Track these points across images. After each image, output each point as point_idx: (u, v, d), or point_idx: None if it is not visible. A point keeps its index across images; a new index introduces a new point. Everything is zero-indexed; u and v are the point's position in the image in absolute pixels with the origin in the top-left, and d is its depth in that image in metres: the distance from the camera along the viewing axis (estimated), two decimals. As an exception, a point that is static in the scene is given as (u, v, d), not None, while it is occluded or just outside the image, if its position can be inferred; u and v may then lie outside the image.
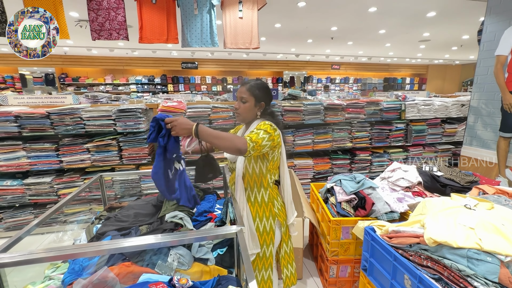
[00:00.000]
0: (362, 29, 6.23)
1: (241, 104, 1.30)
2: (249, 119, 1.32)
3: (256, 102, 1.30)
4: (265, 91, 1.32)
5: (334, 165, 3.34)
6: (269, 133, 1.17)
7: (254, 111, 1.31)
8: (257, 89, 1.29)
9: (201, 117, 2.85)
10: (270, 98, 1.35)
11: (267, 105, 1.33)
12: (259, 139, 1.12)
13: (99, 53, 8.68)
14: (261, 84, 1.32)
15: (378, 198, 1.83)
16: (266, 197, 1.31)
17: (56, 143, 2.68)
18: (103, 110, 2.67)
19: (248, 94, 1.28)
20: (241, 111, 1.30)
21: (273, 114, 1.36)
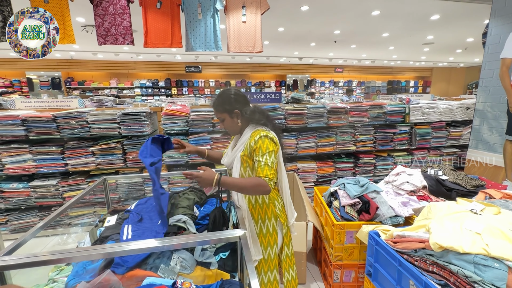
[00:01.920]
0: (366, 32, 6.23)
1: (221, 124, 1.34)
2: (238, 129, 1.34)
3: (230, 115, 1.30)
4: (230, 100, 1.29)
5: (338, 168, 3.32)
6: (272, 151, 1.20)
7: (235, 122, 1.32)
8: (222, 104, 1.30)
9: (205, 121, 2.87)
10: (240, 101, 1.30)
11: (243, 109, 1.30)
12: (272, 170, 1.17)
13: (104, 58, 8.81)
14: (222, 95, 1.31)
15: (383, 202, 1.81)
16: (266, 198, 1.31)
17: (61, 146, 2.72)
18: (108, 113, 2.70)
19: (219, 112, 1.31)
20: (226, 129, 1.34)
21: (255, 113, 1.30)
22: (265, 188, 1.13)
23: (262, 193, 1.15)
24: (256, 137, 1.22)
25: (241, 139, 1.31)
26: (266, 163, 1.17)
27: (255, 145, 1.21)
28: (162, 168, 2.91)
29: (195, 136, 2.87)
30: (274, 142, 1.23)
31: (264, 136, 1.21)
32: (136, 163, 2.84)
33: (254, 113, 1.30)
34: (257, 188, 1.13)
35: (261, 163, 1.17)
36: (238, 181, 1.16)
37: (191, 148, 1.48)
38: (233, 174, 1.29)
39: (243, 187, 1.14)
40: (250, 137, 1.25)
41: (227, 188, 1.17)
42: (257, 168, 1.18)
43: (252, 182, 1.14)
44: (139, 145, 2.80)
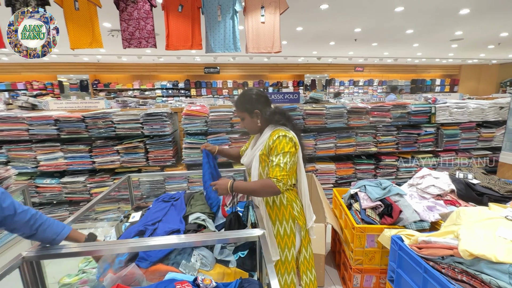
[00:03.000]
0: (388, 30, 6.01)
1: (242, 123, 1.36)
2: (257, 129, 1.36)
3: (251, 115, 1.31)
4: (251, 100, 1.30)
5: (358, 170, 3.23)
6: (287, 152, 1.19)
7: (255, 122, 1.33)
8: (243, 103, 1.31)
9: (223, 121, 2.91)
10: (262, 101, 1.31)
11: (263, 110, 1.30)
12: (283, 171, 1.17)
13: (128, 60, 9.19)
14: (245, 95, 1.32)
15: (406, 206, 1.74)
16: (284, 200, 1.30)
17: (89, 145, 2.87)
18: (131, 114, 2.82)
19: (240, 111, 1.33)
20: (246, 128, 1.36)
21: (275, 114, 1.30)
22: (273, 189, 1.15)
23: (272, 194, 1.18)
24: (274, 136, 1.23)
25: (261, 138, 1.32)
26: (278, 163, 1.18)
27: (272, 144, 1.22)
28: (182, 167, 2.99)
29: (213, 136, 2.92)
30: (293, 142, 1.22)
31: (282, 136, 1.21)
32: (157, 162, 2.94)
33: (274, 114, 1.31)
34: (265, 189, 1.16)
35: (273, 163, 1.19)
36: (248, 185, 1.21)
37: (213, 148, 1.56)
38: (252, 173, 1.30)
39: (253, 190, 1.18)
40: (269, 137, 1.25)
41: (240, 192, 1.22)
42: (269, 168, 1.21)
43: (260, 184, 1.17)
44: (161, 144, 2.90)
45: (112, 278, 0.96)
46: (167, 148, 2.92)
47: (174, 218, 1.26)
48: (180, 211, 1.34)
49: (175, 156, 3.04)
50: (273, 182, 1.15)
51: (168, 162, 2.95)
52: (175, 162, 3.00)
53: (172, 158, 2.95)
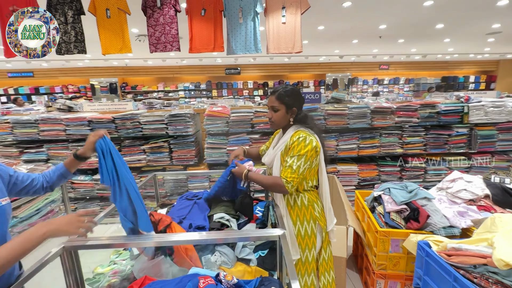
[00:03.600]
0: (416, 25, 5.72)
1: (273, 113, 1.33)
2: (283, 125, 1.35)
3: (287, 109, 1.31)
4: (295, 97, 1.32)
5: (382, 172, 3.13)
6: (303, 155, 1.20)
7: (286, 118, 1.33)
8: (287, 96, 1.30)
9: (244, 121, 2.95)
10: (301, 102, 1.35)
11: (299, 110, 1.33)
12: (294, 174, 1.19)
13: (153, 64, 9.61)
14: (291, 91, 1.32)
15: (435, 211, 1.66)
16: (305, 200, 1.30)
17: (118, 144, 3.05)
18: (157, 115, 2.95)
19: (278, 102, 1.30)
20: (274, 120, 1.33)
21: (307, 117, 1.34)
22: (282, 189, 1.22)
23: (280, 192, 1.26)
24: (295, 137, 1.24)
25: (283, 138, 1.33)
26: (291, 165, 1.20)
27: (291, 145, 1.23)
28: (204, 166, 3.07)
29: (234, 136, 2.97)
30: (313, 145, 1.21)
31: (302, 138, 1.21)
32: (181, 161, 3.04)
33: (306, 118, 1.34)
34: (274, 187, 1.24)
35: (286, 164, 1.22)
36: (260, 177, 1.27)
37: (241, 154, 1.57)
38: (273, 173, 1.31)
39: (263, 183, 1.26)
40: (291, 137, 1.26)
41: (252, 180, 1.29)
42: (282, 167, 1.24)
43: (271, 180, 1.24)
44: (184, 144, 3.01)
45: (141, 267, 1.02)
46: (190, 148, 3.02)
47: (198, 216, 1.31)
48: (204, 210, 1.39)
49: (197, 156, 3.14)
50: (282, 182, 1.20)
51: (191, 161, 3.05)
52: (197, 162, 3.10)
53: (194, 158, 3.04)
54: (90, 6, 2.89)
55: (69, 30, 2.86)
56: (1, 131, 2.98)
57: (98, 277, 1.21)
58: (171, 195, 3.03)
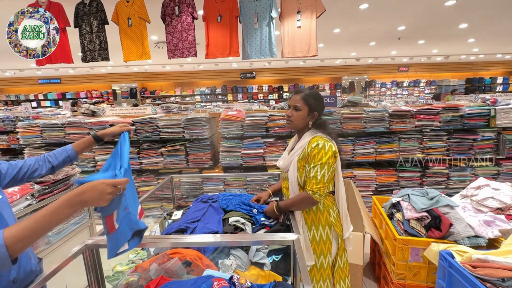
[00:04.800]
0: (437, 26, 5.52)
1: (293, 112, 1.32)
2: (300, 127, 1.34)
3: (310, 112, 1.31)
4: (319, 101, 1.32)
5: (401, 177, 3.02)
6: (325, 163, 1.19)
7: (306, 120, 1.32)
8: (312, 98, 1.30)
9: (259, 125, 2.96)
10: (322, 108, 1.35)
11: (319, 115, 1.33)
12: (319, 184, 1.20)
13: (171, 69, 9.91)
14: (316, 94, 1.32)
15: (458, 219, 1.58)
16: (321, 205, 1.28)
17: (138, 147, 3.16)
18: (174, 119, 3.04)
19: (302, 102, 1.29)
20: (294, 119, 1.32)
21: (325, 124, 1.34)
22: (310, 201, 1.23)
23: (310, 205, 1.27)
24: (313, 144, 1.22)
25: (300, 142, 1.32)
26: (315, 175, 1.20)
27: (311, 152, 1.22)
28: (219, 169, 3.11)
29: (249, 140, 2.99)
30: (332, 151, 1.20)
31: (321, 144, 1.20)
32: (196, 164, 3.10)
33: (325, 124, 1.34)
34: (303, 203, 1.26)
35: (310, 175, 1.22)
36: (288, 201, 1.30)
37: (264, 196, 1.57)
38: (289, 178, 1.31)
39: (293, 205, 1.28)
40: (308, 143, 1.25)
41: (285, 209, 1.31)
42: (306, 178, 1.25)
43: (298, 198, 1.26)
44: (200, 147, 3.06)
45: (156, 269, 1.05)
46: (206, 151, 3.07)
47: (212, 219, 1.33)
48: (219, 213, 1.40)
49: (212, 159, 3.18)
50: (309, 195, 1.21)
51: (206, 164, 3.10)
52: (212, 165, 3.14)
53: (209, 161, 3.09)
54: (113, 16, 3.04)
55: (94, 39, 3.03)
56: (31, 134, 3.18)
57: (117, 275, 1.25)
58: (187, 197, 3.09)
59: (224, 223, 1.30)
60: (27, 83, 10.24)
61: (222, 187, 3.06)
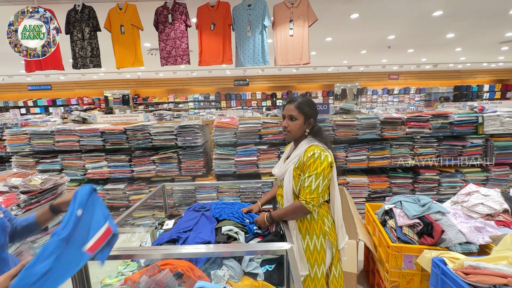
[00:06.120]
0: (425, 35, 5.70)
1: (289, 122, 1.31)
2: (298, 135, 1.34)
3: (305, 119, 1.31)
4: (313, 108, 1.33)
5: (393, 184, 3.05)
6: (320, 173, 1.19)
7: (303, 128, 1.32)
8: (306, 106, 1.30)
9: (252, 132, 2.97)
10: (317, 114, 1.37)
11: (315, 122, 1.34)
12: (313, 194, 1.20)
13: (164, 76, 9.90)
14: (309, 101, 1.34)
15: (450, 226, 1.60)
16: (315, 214, 1.28)
17: (129, 155, 3.12)
18: (167, 126, 3.01)
19: (298, 111, 1.29)
20: (291, 129, 1.31)
21: (321, 130, 1.36)
22: (303, 211, 1.23)
23: (303, 215, 1.27)
24: (309, 153, 1.22)
25: (296, 151, 1.31)
26: (309, 185, 1.20)
27: (307, 161, 1.22)
28: (212, 177, 3.09)
29: (242, 147, 2.98)
30: (328, 161, 1.21)
31: (317, 154, 1.21)
32: (189, 172, 3.07)
33: (321, 131, 1.35)
34: (296, 213, 1.26)
35: (304, 184, 1.22)
36: (281, 211, 1.30)
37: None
38: (284, 186, 1.30)
39: (287, 214, 1.28)
40: (305, 152, 1.25)
41: (277, 219, 1.31)
42: (300, 188, 1.24)
43: (291, 207, 1.26)
44: (192, 155, 3.04)
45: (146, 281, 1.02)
46: (198, 158, 3.05)
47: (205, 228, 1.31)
48: (211, 222, 1.39)
49: (205, 167, 3.16)
50: (302, 205, 1.21)
51: (199, 172, 3.07)
52: (205, 172, 3.12)
53: (202, 169, 3.06)
54: (105, 23, 3.04)
55: (85, 45, 3.00)
56: (19, 142, 3.11)
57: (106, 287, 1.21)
58: (179, 206, 3.05)
59: (217, 232, 1.28)
60: (16, 90, 10.05)
61: (215, 195, 3.03)
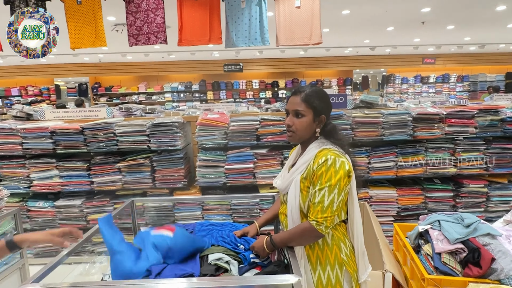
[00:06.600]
0: (469, 8, 5.79)
1: (294, 120, 1.30)
2: (306, 136, 1.33)
3: (315, 116, 1.30)
4: (326, 101, 1.33)
5: (429, 198, 3.08)
6: (335, 185, 1.18)
7: (312, 127, 1.31)
8: (316, 98, 1.29)
9: (247, 132, 2.98)
10: (330, 109, 1.36)
11: (327, 119, 1.34)
12: (326, 212, 1.18)
13: (133, 59, 9.88)
14: (320, 91, 1.34)
15: (502, 252, 1.62)
16: (329, 238, 1.28)
17: (88, 161, 3.10)
18: (136, 124, 3.01)
19: (305, 105, 1.28)
20: (297, 128, 1.30)
21: (335, 130, 1.35)
22: (314, 234, 1.21)
23: (313, 239, 1.26)
24: (321, 158, 1.21)
25: (304, 156, 1.31)
26: (321, 201, 1.18)
27: (318, 170, 1.21)
28: (195, 190, 3.09)
29: (235, 151, 2.99)
30: (346, 170, 1.20)
31: (331, 160, 1.20)
32: (166, 183, 3.07)
33: (335, 130, 1.34)
34: (305, 237, 1.25)
35: (314, 200, 1.20)
36: (285, 235, 1.30)
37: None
38: (289, 202, 1.30)
39: (291, 239, 1.28)
40: (315, 158, 1.25)
41: (280, 245, 1.31)
42: (309, 205, 1.24)
43: (298, 231, 1.26)
44: (170, 161, 3.04)
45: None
46: (178, 166, 3.04)
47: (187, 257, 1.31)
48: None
49: (187, 177, 3.15)
50: (312, 226, 1.18)
51: (179, 183, 3.07)
52: (187, 184, 3.11)
53: (183, 179, 3.06)
54: (57, -10, 3.04)
55: (31, 19, 3.00)
56: None
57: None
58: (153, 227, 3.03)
59: (202, 262, 1.28)
60: None
61: (200, 213, 3.02)
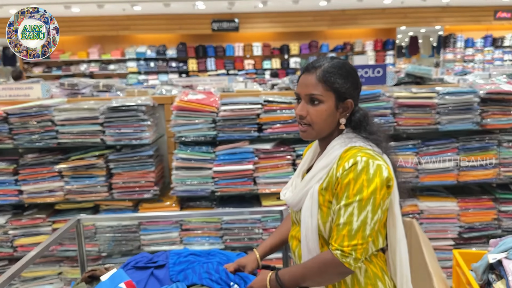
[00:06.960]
0: None
1: (309, 108, 1.28)
2: (325, 132, 1.31)
3: (338, 102, 1.28)
4: (353, 79, 1.30)
5: (504, 213, 3.11)
6: (368, 199, 1.15)
7: (334, 117, 1.29)
8: (340, 77, 1.27)
9: (245, 120, 2.96)
10: (359, 90, 1.35)
11: (356, 104, 1.32)
12: (356, 238, 1.15)
13: (82, 12, 9.82)
14: (345, 66, 1.30)
15: None
16: (361, 276, 1.28)
17: (15, 161, 3.09)
18: (85, 108, 2.99)
19: (323, 87, 1.26)
20: (313, 120, 1.28)
21: (368, 119, 1.33)
22: (337, 270, 1.18)
23: (338, 278, 1.24)
24: (349, 161, 1.18)
25: (323, 158, 1.30)
26: (349, 222, 1.15)
27: (344, 178, 1.18)
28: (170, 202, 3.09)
29: (227, 146, 2.98)
30: (382, 178, 1.18)
31: (363, 163, 1.17)
32: (128, 192, 3.06)
33: (367, 119, 1.33)
34: (325, 275, 1.24)
35: (339, 219, 1.17)
36: (299, 270, 1.30)
37: None
38: (302, 222, 1.28)
39: (307, 276, 1.26)
40: (339, 160, 1.23)
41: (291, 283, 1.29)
42: (332, 227, 1.22)
43: (316, 265, 1.23)
44: (133, 161, 3.03)
45: None
46: (146, 167, 3.04)
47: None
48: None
49: (158, 183, 3.15)
50: (336, 258, 1.15)
51: (147, 193, 3.06)
52: (158, 194, 3.10)
53: (153, 186, 3.06)
54: None
55: None
56: None
57: None
58: (108, 257, 3.04)
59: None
60: None
61: (177, 235, 3.04)
